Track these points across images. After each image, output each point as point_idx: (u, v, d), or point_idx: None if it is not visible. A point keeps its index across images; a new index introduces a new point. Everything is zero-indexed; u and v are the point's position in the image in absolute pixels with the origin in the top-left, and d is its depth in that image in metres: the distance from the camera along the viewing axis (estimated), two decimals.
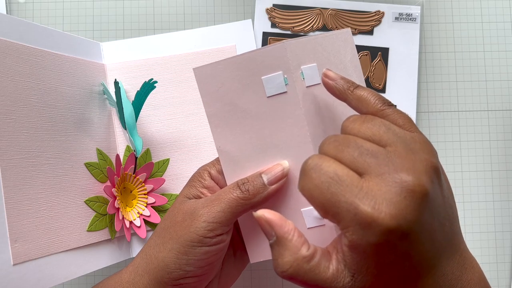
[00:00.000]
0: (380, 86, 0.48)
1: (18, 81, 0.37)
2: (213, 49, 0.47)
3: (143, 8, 0.50)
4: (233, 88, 0.33)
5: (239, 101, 0.33)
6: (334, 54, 0.33)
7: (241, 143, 0.33)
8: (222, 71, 0.33)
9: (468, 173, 0.49)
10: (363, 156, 0.25)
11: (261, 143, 0.33)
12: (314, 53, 0.32)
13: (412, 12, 0.49)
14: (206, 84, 0.33)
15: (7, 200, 0.34)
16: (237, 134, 0.33)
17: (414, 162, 0.25)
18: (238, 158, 0.33)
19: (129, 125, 0.42)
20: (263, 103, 0.32)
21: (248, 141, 0.33)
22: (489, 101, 0.49)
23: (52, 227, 0.37)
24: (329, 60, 0.33)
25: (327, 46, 0.33)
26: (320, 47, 0.33)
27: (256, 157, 0.33)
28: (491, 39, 0.50)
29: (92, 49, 0.46)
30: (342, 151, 0.26)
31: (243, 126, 0.33)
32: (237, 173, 0.33)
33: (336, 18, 0.49)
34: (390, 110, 0.28)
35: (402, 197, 0.24)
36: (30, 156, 0.37)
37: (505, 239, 0.48)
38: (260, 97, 0.32)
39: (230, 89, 0.33)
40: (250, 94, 0.32)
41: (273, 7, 0.49)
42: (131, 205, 0.44)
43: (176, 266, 0.32)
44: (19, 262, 0.34)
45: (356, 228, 0.24)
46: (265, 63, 0.32)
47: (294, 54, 0.31)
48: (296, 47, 0.32)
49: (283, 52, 0.31)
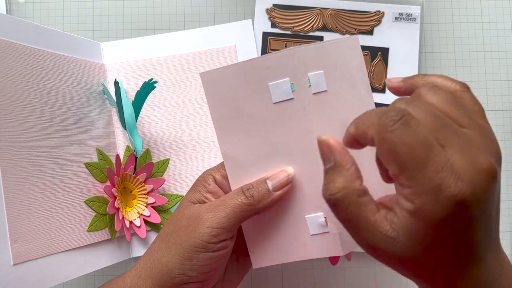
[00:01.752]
0: (380, 86, 0.48)
1: (18, 81, 0.37)
2: (213, 49, 0.47)
3: (143, 8, 0.50)
4: (239, 94, 0.33)
5: (245, 107, 0.33)
6: (341, 62, 0.33)
7: (247, 149, 0.33)
8: (229, 76, 0.32)
9: None
10: (445, 129, 0.25)
11: (266, 149, 0.33)
12: (321, 60, 0.32)
13: (412, 12, 0.49)
14: (212, 88, 0.33)
15: (7, 200, 0.34)
16: (243, 139, 0.33)
17: (491, 148, 0.26)
18: (243, 163, 0.33)
19: (129, 125, 0.42)
20: (269, 109, 0.32)
21: (253, 146, 0.33)
22: (489, 101, 0.49)
23: (52, 227, 0.37)
24: (336, 67, 0.33)
25: (335, 53, 0.33)
26: (328, 54, 0.32)
27: (261, 163, 0.33)
28: (491, 39, 0.50)
29: (92, 49, 0.46)
30: (425, 118, 0.25)
31: (249, 131, 0.33)
32: (242, 178, 0.33)
33: (336, 18, 0.49)
34: (468, 95, 0.28)
35: (479, 177, 0.24)
36: (30, 156, 0.37)
37: (505, 239, 0.48)
38: (266, 103, 0.32)
39: (237, 95, 0.33)
40: (257, 100, 0.32)
41: (273, 7, 0.49)
42: (131, 205, 0.44)
43: (180, 271, 0.32)
44: (19, 262, 0.34)
45: (431, 198, 0.24)
46: (272, 69, 0.32)
47: (302, 61, 0.31)
48: (304, 54, 0.31)
49: (291, 58, 0.31)
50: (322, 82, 0.32)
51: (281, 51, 0.31)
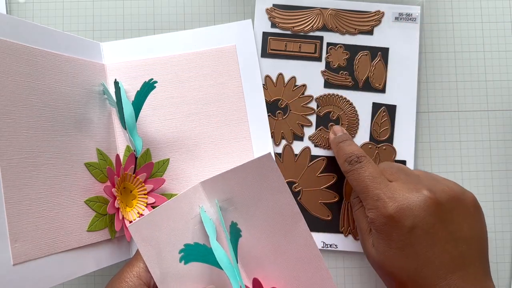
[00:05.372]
0: (380, 86, 0.48)
1: (18, 81, 0.37)
2: (213, 49, 0.47)
3: (143, 8, 0.50)
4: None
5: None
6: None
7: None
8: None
9: (468, 173, 0.49)
10: (398, 172, 0.39)
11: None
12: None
13: (412, 12, 0.49)
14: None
15: (7, 200, 0.34)
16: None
17: (437, 185, 0.38)
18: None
19: (129, 125, 0.42)
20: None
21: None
22: (489, 101, 0.49)
23: (52, 227, 0.37)
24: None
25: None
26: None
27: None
28: (491, 39, 0.50)
29: (92, 49, 0.46)
30: (383, 167, 0.41)
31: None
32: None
33: (336, 18, 0.49)
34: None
35: (415, 198, 0.36)
36: (30, 156, 0.37)
37: (505, 239, 0.48)
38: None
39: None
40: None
41: (273, 7, 0.49)
42: (131, 205, 0.44)
43: None
44: (19, 262, 0.34)
45: (374, 210, 0.38)
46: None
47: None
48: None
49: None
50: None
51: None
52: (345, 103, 0.48)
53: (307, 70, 0.48)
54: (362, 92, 0.48)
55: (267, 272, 0.39)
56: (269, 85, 0.48)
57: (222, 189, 0.39)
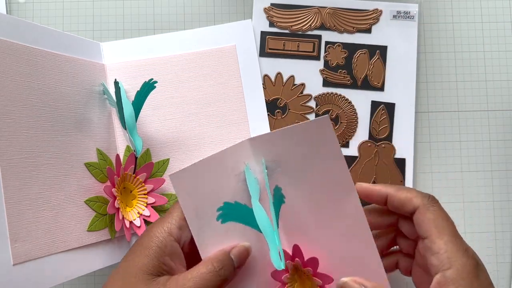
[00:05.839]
0: (379, 84, 0.48)
1: (18, 81, 0.37)
2: (213, 49, 0.47)
3: (143, 8, 0.50)
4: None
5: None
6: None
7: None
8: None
9: (468, 173, 0.49)
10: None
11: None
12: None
13: (410, 10, 0.49)
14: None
15: (7, 200, 0.34)
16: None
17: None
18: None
19: (129, 125, 0.42)
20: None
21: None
22: (489, 101, 0.49)
23: (52, 227, 0.37)
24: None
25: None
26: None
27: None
28: (491, 39, 0.50)
29: (92, 49, 0.46)
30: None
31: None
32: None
33: (334, 16, 0.49)
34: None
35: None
36: (30, 156, 0.37)
37: (505, 239, 0.48)
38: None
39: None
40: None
41: (271, 6, 0.49)
42: (131, 205, 0.44)
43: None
44: (19, 262, 0.34)
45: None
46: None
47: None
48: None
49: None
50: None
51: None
52: (344, 101, 0.48)
53: (305, 69, 0.48)
54: (361, 90, 0.48)
55: (309, 241, 0.36)
56: (268, 84, 0.48)
57: (271, 149, 0.35)
